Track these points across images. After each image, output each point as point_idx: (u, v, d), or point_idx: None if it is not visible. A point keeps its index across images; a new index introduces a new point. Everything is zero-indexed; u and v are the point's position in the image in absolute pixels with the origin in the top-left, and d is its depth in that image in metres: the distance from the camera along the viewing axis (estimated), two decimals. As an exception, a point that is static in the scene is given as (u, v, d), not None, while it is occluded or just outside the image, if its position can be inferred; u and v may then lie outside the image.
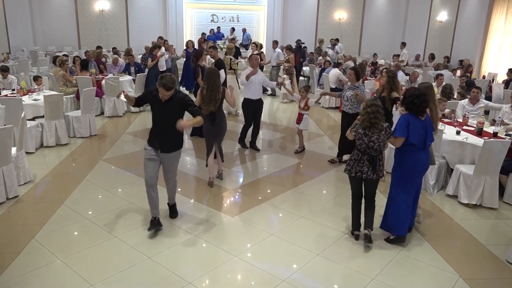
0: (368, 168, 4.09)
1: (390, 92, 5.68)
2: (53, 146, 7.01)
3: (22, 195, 5.12)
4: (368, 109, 4.01)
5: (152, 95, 4.20)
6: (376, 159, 4.11)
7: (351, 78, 6.30)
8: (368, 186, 4.24)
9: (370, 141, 4.03)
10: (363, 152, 4.10)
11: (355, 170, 4.14)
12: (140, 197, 5.17)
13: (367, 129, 4.05)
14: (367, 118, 4.01)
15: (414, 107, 4.08)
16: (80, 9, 17.66)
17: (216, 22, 18.58)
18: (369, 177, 4.11)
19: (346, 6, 18.93)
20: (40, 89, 7.86)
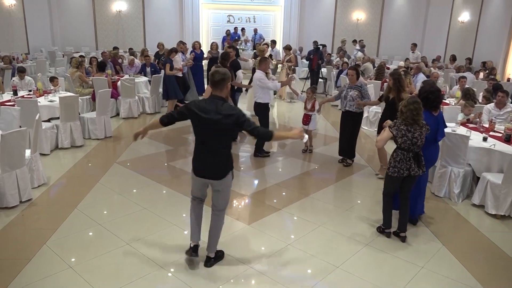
0: (415, 165, 4.13)
1: (398, 93, 5.69)
2: (68, 148, 6.97)
3: (36, 198, 5.06)
4: (410, 106, 4.05)
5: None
6: (419, 155, 4.18)
7: (353, 78, 6.30)
8: (408, 182, 4.25)
9: (414, 137, 4.06)
10: (408, 150, 4.11)
11: (405, 169, 4.14)
12: (153, 202, 5.08)
13: (409, 125, 4.07)
14: (410, 116, 4.04)
15: (429, 103, 4.42)
16: (97, 10, 17.78)
17: (232, 23, 18.48)
18: (416, 174, 4.17)
19: (365, 6, 18.61)
20: (56, 90, 7.85)
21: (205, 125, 3.39)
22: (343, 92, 6.48)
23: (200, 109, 3.38)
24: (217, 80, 3.41)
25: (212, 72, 3.46)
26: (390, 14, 18.66)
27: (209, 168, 3.51)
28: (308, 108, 7.06)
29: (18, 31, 15.39)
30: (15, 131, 4.66)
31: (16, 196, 4.80)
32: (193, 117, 3.43)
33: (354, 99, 6.25)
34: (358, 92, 6.27)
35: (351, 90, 6.32)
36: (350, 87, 6.37)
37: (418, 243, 4.32)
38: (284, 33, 18.48)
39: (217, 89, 3.44)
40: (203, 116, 3.36)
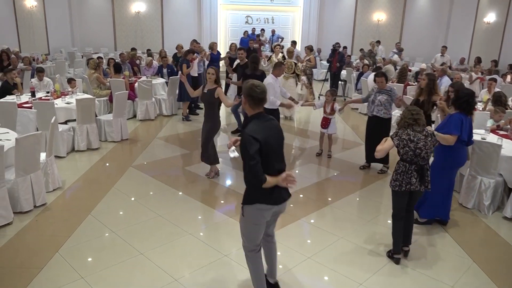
0: (416, 179, 3.76)
1: (429, 95, 5.47)
2: (84, 151, 6.91)
3: (50, 203, 4.98)
4: (409, 107, 3.94)
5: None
6: (424, 169, 3.79)
7: (382, 84, 6.08)
8: (411, 197, 3.93)
9: (417, 148, 3.72)
10: (410, 162, 3.77)
11: (404, 183, 3.79)
12: (168, 208, 4.95)
13: (410, 130, 3.75)
14: (409, 115, 3.78)
15: (468, 106, 4.39)
16: (117, 11, 17.87)
17: (250, 24, 18.33)
18: (416, 189, 3.80)
19: (386, 7, 18.22)
20: (73, 91, 7.81)
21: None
22: (371, 96, 6.24)
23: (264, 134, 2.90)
24: (262, 97, 2.94)
25: (253, 86, 2.92)
26: (412, 14, 18.21)
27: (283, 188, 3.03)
28: (327, 111, 6.86)
29: (39, 32, 15.58)
30: (30, 135, 4.59)
31: (31, 200, 4.73)
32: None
33: (382, 104, 6.03)
34: (387, 97, 6.03)
35: (379, 94, 6.08)
36: (378, 91, 6.12)
37: (445, 259, 4.06)
38: (303, 34, 18.23)
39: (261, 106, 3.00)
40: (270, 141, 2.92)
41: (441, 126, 4.47)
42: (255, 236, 3.09)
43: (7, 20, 13.74)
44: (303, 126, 9.64)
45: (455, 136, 4.28)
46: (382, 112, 6.07)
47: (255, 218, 3.01)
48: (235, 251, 4.03)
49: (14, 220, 4.49)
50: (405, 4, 18.10)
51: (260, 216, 3.00)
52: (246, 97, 2.93)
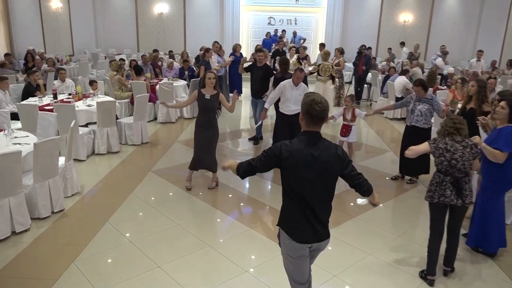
0: (452, 191, 3.49)
1: (481, 104, 5.04)
2: (104, 154, 6.83)
3: (68, 209, 4.88)
4: (452, 116, 3.70)
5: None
6: (461, 181, 3.50)
7: (420, 93, 5.64)
8: (452, 215, 3.64)
9: (453, 159, 3.48)
10: (445, 173, 3.53)
11: (437, 195, 3.55)
12: (187, 218, 4.78)
13: (449, 139, 3.51)
14: (450, 124, 3.54)
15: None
16: (140, 12, 17.95)
17: (273, 25, 18.10)
18: (452, 203, 3.51)
19: (413, 7, 17.68)
20: (95, 94, 7.76)
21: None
22: (409, 104, 5.80)
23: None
24: (322, 117, 2.51)
25: (313, 102, 2.47)
26: (440, 15, 17.61)
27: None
28: (348, 118, 6.51)
29: (64, 33, 15.77)
30: (48, 140, 4.49)
31: (48, 206, 4.63)
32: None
33: (423, 114, 5.62)
34: (428, 106, 5.60)
35: (419, 103, 5.65)
36: (418, 100, 5.69)
37: (488, 283, 3.75)
38: (327, 35, 17.86)
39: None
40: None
41: (490, 140, 3.92)
42: (295, 272, 2.68)
43: (33, 22, 13.94)
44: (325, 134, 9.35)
45: (506, 154, 3.73)
46: (421, 122, 5.68)
47: (288, 248, 2.62)
48: (257, 266, 3.83)
49: (31, 227, 4.41)
50: (433, 5, 17.52)
51: (291, 249, 2.60)
52: (303, 114, 2.51)
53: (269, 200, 5.39)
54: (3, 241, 4.13)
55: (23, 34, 13.35)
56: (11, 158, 4.04)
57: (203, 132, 5.37)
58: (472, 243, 4.21)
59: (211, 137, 5.43)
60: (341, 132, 6.67)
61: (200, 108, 5.34)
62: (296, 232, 2.57)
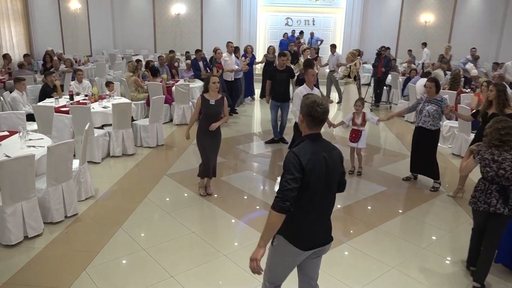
0: (497, 200, 3.36)
1: (502, 108, 4.86)
2: (119, 156, 6.76)
3: (81, 214, 4.80)
4: (497, 125, 3.41)
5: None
6: (509, 190, 3.35)
7: (431, 91, 5.53)
8: (493, 223, 3.46)
9: (500, 169, 3.36)
10: (491, 181, 3.39)
11: (482, 202, 3.43)
12: (203, 224, 4.65)
13: (495, 149, 3.37)
14: (496, 135, 3.37)
15: None
16: (157, 13, 17.98)
17: (290, 26, 17.90)
18: (498, 211, 3.36)
19: (434, 7, 17.23)
20: (111, 95, 7.71)
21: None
22: (419, 105, 5.73)
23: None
24: (323, 119, 2.49)
25: (314, 103, 2.44)
26: (462, 15, 17.12)
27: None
28: (358, 122, 6.17)
29: (82, 34, 15.89)
30: (61, 143, 4.41)
31: (62, 211, 4.56)
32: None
33: (430, 115, 5.51)
34: (437, 107, 5.48)
35: (428, 104, 5.55)
36: (427, 101, 5.58)
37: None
38: (345, 36, 17.58)
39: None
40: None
41: None
42: (278, 273, 2.68)
43: (52, 23, 14.06)
44: (338, 132, 9.11)
45: None
46: (429, 123, 5.56)
47: (281, 254, 2.57)
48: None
49: (44, 231, 4.33)
50: (455, 5, 17.05)
51: (282, 254, 2.56)
52: (304, 116, 2.48)
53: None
54: (15, 246, 4.06)
55: (42, 35, 13.48)
56: (24, 162, 3.97)
57: (209, 139, 5.11)
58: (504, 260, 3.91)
59: (217, 143, 5.24)
60: (350, 137, 6.29)
61: (205, 115, 5.01)
62: (303, 240, 2.49)
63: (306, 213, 2.46)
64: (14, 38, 12.49)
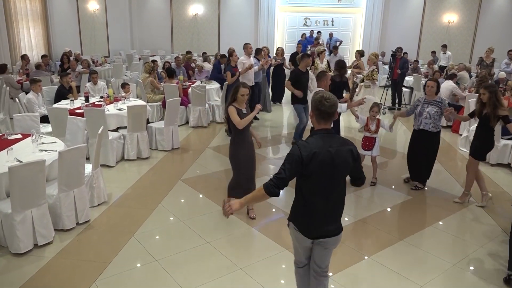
0: None
1: (494, 109, 4.95)
2: (133, 160, 6.61)
3: (93, 220, 4.65)
4: None
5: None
6: None
7: (432, 91, 5.45)
8: None
9: None
10: None
11: None
12: (217, 234, 4.42)
13: None
14: None
15: None
16: (175, 14, 17.91)
17: (309, 26, 17.60)
18: None
19: (458, 7, 16.68)
20: (126, 97, 7.58)
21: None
22: (417, 107, 5.56)
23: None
24: (331, 112, 2.60)
25: (322, 98, 2.57)
26: (488, 15, 16.51)
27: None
28: (372, 129, 5.80)
29: (100, 35, 15.93)
30: (73, 148, 4.26)
31: (73, 217, 4.41)
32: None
33: (431, 117, 5.40)
34: (437, 109, 5.38)
35: (428, 105, 5.44)
36: (427, 102, 5.47)
37: None
38: (365, 37, 17.19)
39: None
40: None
41: None
42: (297, 255, 2.92)
43: (71, 23, 14.11)
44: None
45: None
46: (430, 126, 5.42)
47: (293, 236, 2.82)
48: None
49: (54, 239, 4.19)
50: (480, 4, 16.47)
51: (295, 238, 2.79)
52: (313, 110, 2.62)
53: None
54: (25, 254, 3.92)
55: (60, 35, 13.52)
56: (34, 168, 3.83)
57: (250, 151, 4.60)
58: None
59: (253, 156, 4.69)
60: (363, 145, 5.90)
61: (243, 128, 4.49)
62: (306, 227, 2.68)
63: (309, 203, 2.63)
64: (33, 39, 12.56)
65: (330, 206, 2.64)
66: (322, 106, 2.55)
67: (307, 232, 2.68)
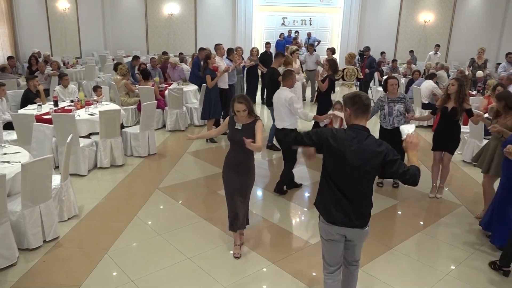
0: None
1: (461, 103, 5.06)
2: (107, 168, 6.23)
3: (63, 237, 4.28)
4: None
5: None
6: None
7: (396, 88, 5.55)
8: None
9: None
10: None
11: None
12: (199, 249, 4.13)
13: None
14: None
15: None
16: (150, 13, 17.40)
17: (287, 26, 17.41)
18: None
19: (434, 6, 16.81)
20: (99, 101, 7.17)
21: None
22: (383, 108, 5.55)
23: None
24: (367, 103, 2.72)
25: (357, 94, 2.72)
26: (462, 15, 16.70)
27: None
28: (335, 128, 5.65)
29: (72, 35, 15.28)
30: (38, 160, 3.90)
31: (40, 235, 4.04)
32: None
33: (402, 114, 5.50)
34: (404, 105, 5.51)
35: (395, 103, 5.51)
36: (392, 101, 5.53)
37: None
38: (343, 36, 17.11)
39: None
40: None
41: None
42: (326, 253, 2.89)
43: (39, 23, 13.44)
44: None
45: None
46: (402, 122, 5.45)
47: (320, 229, 2.86)
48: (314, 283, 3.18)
49: (18, 260, 3.81)
50: (455, 4, 16.65)
51: (323, 230, 2.82)
52: (349, 107, 2.68)
53: (298, 228, 4.74)
54: (-16, 279, 3.54)
55: (28, 36, 12.85)
56: (-7, 184, 3.45)
57: (235, 176, 3.84)
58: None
59: (248, 183, 3.91)
60: None
61: (230, 142, 3.90)
62: (327, 212, 2.75)
63: (331, 191, 2.72)
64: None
65: (348, 195, 2.68)
66: (358, 100, 2.64)
67: (326, 216, 2.81)
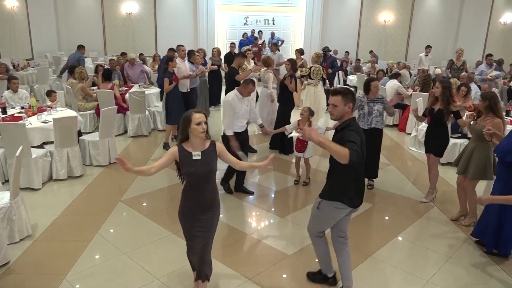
0: None
1: (447, 105, 5.05)
2: (64, 180, 5.76)
3: (14, 262, 3.83)
4: None
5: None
6: None
7: (378, 90, 5.57)
8: None
9: None
10: None
11: None
12: (169, 267, 3.81)
13: None
14: None
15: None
16: (106, 12, 16.65)
17: (249, 25, 17.20)
18: None
19: (393, 7, 17.15)
20: (52, 107, 6.64)
21: None
22: (362, 107, 5.50)
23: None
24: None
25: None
26: (420, 15, 17.16)
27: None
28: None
29: (22, 35, 14.32)
30: (-18, 178, 3.45)
31: (-14, 262, 3.59)
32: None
33: (381, 114, 5.51)
34: (383, 105, 5.50)
35: (375, 104, 5.48)
36: (372, 101, 5.48)
37: None
38: (306, 36, 17.11)
39: None
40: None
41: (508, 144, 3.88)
42: (323, 227, 3.38)
43: (-15, 23, 12.51)
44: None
45: None
46: (380, 123, 5.52)
47: (329, 214, 3.22)
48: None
49: (-39, 293, 3.36)
50: (413, 4, 17.06)
51: (335, 214, 3.20)
52: (352, 102, 3.13)
53: (274, 238, 4.51)
54: None
55: (-28, 36, 11.93)
56: None
57: (202, 215, 3.05)
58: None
59: (211, 221, 3.10)
60: (296, 147, 5.80)
61: (189, 177, 3.00)
62: (354, 199, 3.16)
63: (360, 178, 3.24)
64: None
65: (361, 176, 3.29)
66: (354, 96, 3.16)
67: (356, 203, 3.18)
